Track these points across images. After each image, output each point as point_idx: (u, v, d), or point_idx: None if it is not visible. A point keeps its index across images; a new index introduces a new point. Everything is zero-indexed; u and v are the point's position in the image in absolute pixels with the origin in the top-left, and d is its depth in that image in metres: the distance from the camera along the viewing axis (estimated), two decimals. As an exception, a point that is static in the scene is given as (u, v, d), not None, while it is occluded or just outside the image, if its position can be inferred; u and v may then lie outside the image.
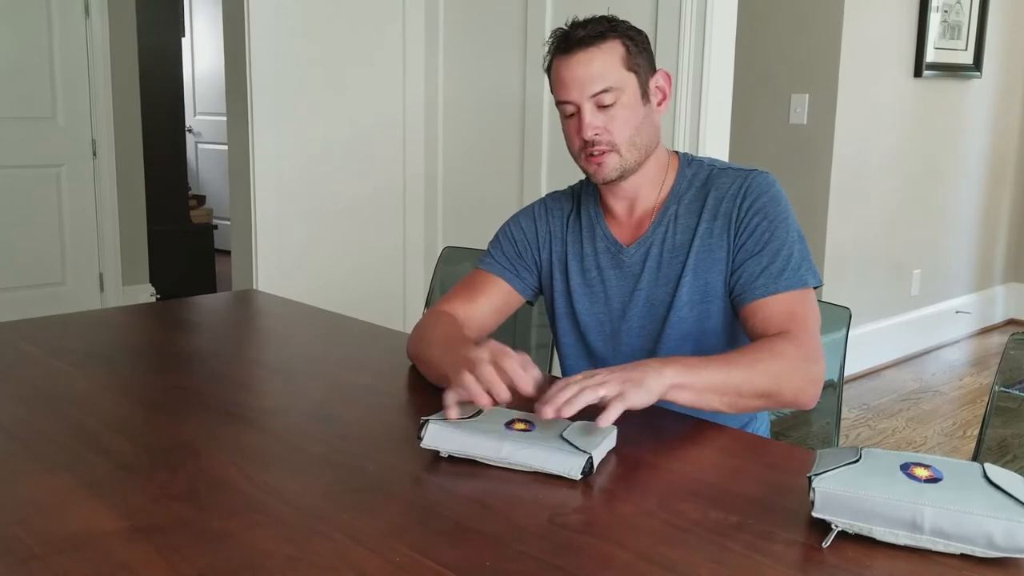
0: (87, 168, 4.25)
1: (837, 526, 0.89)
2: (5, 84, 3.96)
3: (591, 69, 1.36)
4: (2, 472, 1.07)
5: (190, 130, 6.59)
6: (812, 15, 3.76)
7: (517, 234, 1.57)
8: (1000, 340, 4.63)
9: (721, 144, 2.63)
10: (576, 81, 1.37)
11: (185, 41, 6.46)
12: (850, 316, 1.60)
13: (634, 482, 1.06)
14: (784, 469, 1.11)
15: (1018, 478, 0.90)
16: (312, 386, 1.44)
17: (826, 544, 0.89)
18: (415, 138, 3.37)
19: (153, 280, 4.72)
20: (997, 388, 1.42)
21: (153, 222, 4.78)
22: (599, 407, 1.09)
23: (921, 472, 0.90)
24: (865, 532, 0.89)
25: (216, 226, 5.55)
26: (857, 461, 0.93)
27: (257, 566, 0.85)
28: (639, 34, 1.42)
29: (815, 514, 0.90)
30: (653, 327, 1.46)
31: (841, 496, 0.89)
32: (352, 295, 3.12)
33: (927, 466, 0.91)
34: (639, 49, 1.40)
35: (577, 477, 1.03)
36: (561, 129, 1.46)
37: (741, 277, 1.38)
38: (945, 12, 4.14)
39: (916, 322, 4.43)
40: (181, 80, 5.22)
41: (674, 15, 2.54)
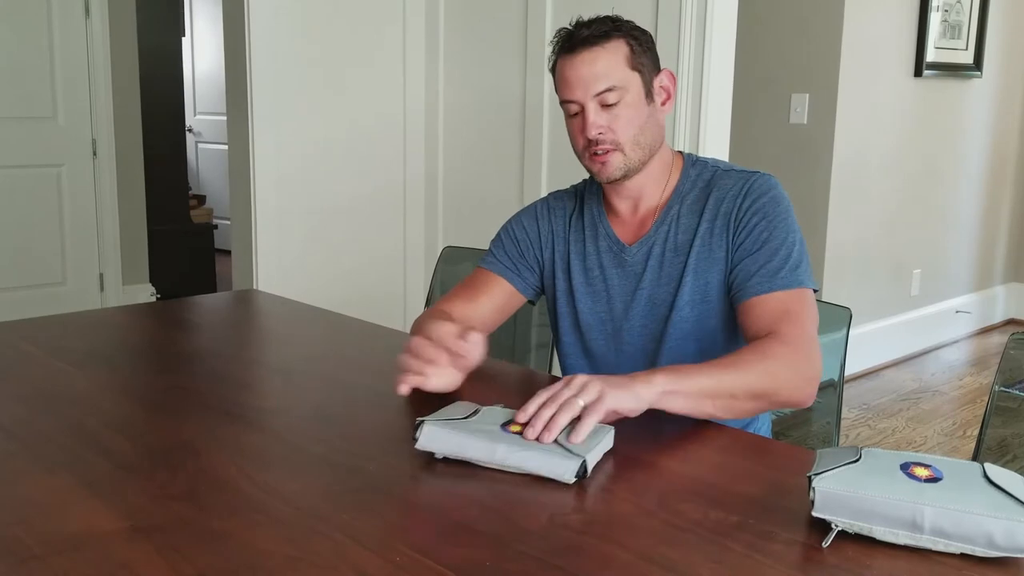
0: (87, 168, 4.25)
1: (837, 526, 0.89)
2: (5, 84, 3.96)
3: (595, 68, 1.36)
4: (2, 472, 1.07)
5: (190, 130, 6.59)
6: (812, 15, 3.76)
7: (519, 233, 1.57)
8: (1000, 340, 4.63)
9: (721, 144, 2.63)
10: (580, 80, 1.37)
11: (185, 41, 6.46)
12: (850, 316, 1.60)
13: (634, 482, 1.06)
14: (784, 469, 1.11)
15: (1018, 478, 0.90)
16: (312, 386, 1.44)
17: (826, 544, 0.89)
18: (415, 138, 3.37)
19: (153, 280, 4.72)
20: (997, 388, 1.42)
21: (153, 222, 4.78)
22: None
23: (921, 472, 0.90)
24: (865, 532, 0.89)
25: (216, 226, 5.55)
26: (857, 461, 0.93)
27: (257, 566, 0.85)
28: (643, 34, 1.42)
29: (815, 514, 0.90)
30: (655, 326, 1.46)
31: (841, 496, 0.89)
32: (352, 295, 3.12)
33: (927, 466, 0.91)
34: (643, 48, 1.40)
35: (571, 481, 1.03)
36: (562, 128, 1.47)
37: (738, 275, 1.38)
38: (945, 12, 4.14)
39: (916, 322, 4.43)
40: (181, 80, 5.23)
41: (674, 16, 2.54)
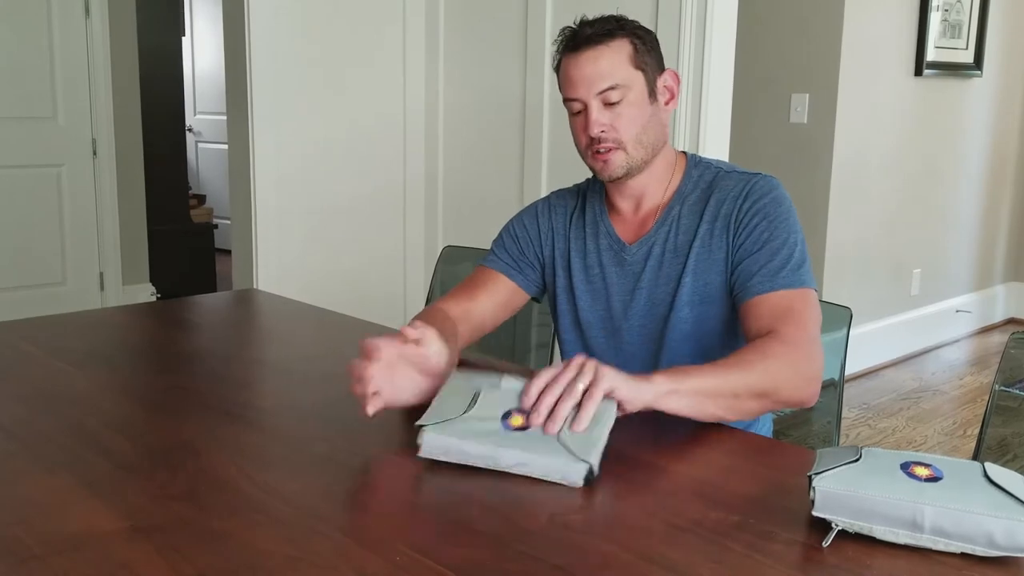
0: (87, 168, 4.25)
1: (837, 525, 0.89)
2: (5, 84, 3.96)
3: (598, 66, 1.36)
4: (2, 472, 1.07)
5: (190, 129, 6.59)
6: (812, 15, 3.76)
7: (520, 231, 1.57)
8: (1000, 339, 4.63)
9: (721, 144, 2.63)
10: (583, 78, 1.37)
11: (185, 41, 6.46)
12: (850, 316, 1.60)
13: (634, 482, 1.06)
14: (784, 468, 1.11)
15: (1018, 477, 0.90)
16: (312, 386, 1.44)
17: (826, 543, 0.89)
18: (415, 138, 3.37)
19: (153, 279, 4.72)
20: (997, 387, 1.42)
21: (153, 222, 4.78)
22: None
23: (921, 471, 0.90)
24: (865, 531, 0.89)
25: (216, 225, 5.55)
26: (857, 460, 0.93)
27: (257, 566, 0.85)
28: (647, 33, 1.42)
29: (815, 513, 0.90)
30: (654, 327, 1.46)
31: (841, 495, 0.89)
32: (352, 295, 3.11)
33: (927, 465, 0.91)
34: (647, 48, 1.40)
35: (579, 485, 1.02)
36: (562, 129, 1.47)
37: (740, 275, 1.37)
38: (945, 11, 4.14)
39: (916, 321, 4.43)
40: (181, 80, 5.22)
41: (674, 16, 2.54)
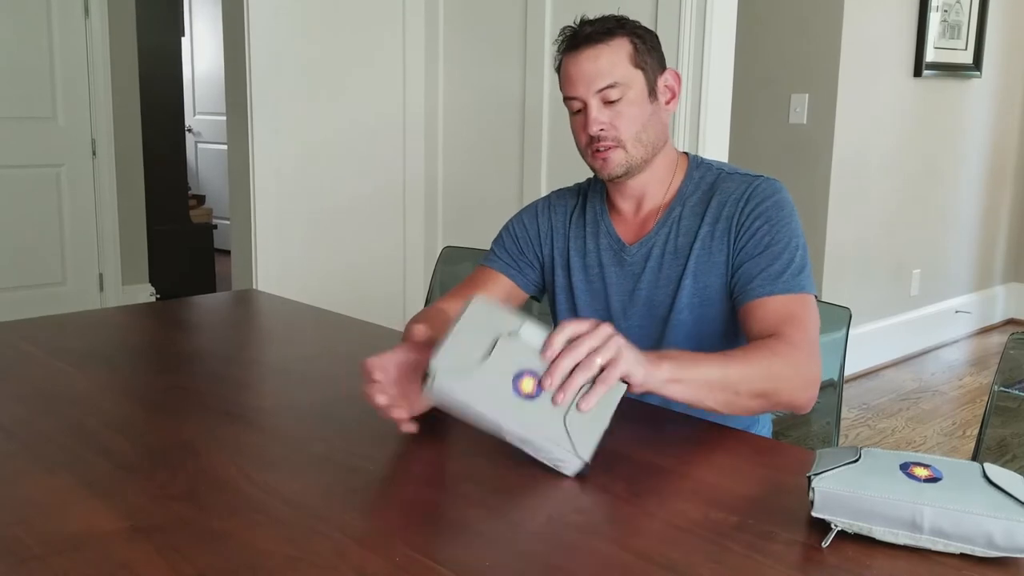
0: (87, 168, 4.25)
1: (837, 526, 0.89)
2: (5, 84, 3.96)
3: (598, 65, 1.37)
4: (2, 472, 1.07)
5: (190, 130, 6.59)
6: (812, 15, 3.76)
7: (519, 231, 1.57)
8: (1000, 340, 4.63)
9: (721, 144, 2.63)
10: (583, 77, 1.38)
11: (185, 41, 6.46)
12: (850, 316, 1.60)
13: (634, 482, 1.06)
14: (784, 469, 1.11)
15: (1018, 478, 0.90)
16: (312, 386, 1.44)
17: (826, 544, 0.89)
18: (415, 138, 3.37)
19: (153, 280, 4.72)
20: (997, 388, 1.42)
21: (153, 222, 4.78)
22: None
23: (921, 472, 0.90)
24: (865, 532, 0.89)
25: (216, 226, 5.55)
26: (857, 461, 0.93)
27: (257, 566, 0.85)
28: (648, 33, 1.42)
29: (815, 514, 0.90)
30: (653, 328, 1.46)
31: (841, 496, 0.89)
32: (352, 295, 3.12)
33: (927, 466, 0.91)
34: (647, 47, 1.40)
35: (570, 475, 1.04)
36: (562, 129, 1.47)
37: (740, 278, 1.37)
38: (945, 12, 4.14)
39: (916, 322, 4.43)
40: (181, 80, 5.23)
41: (674, 16, 2.54)
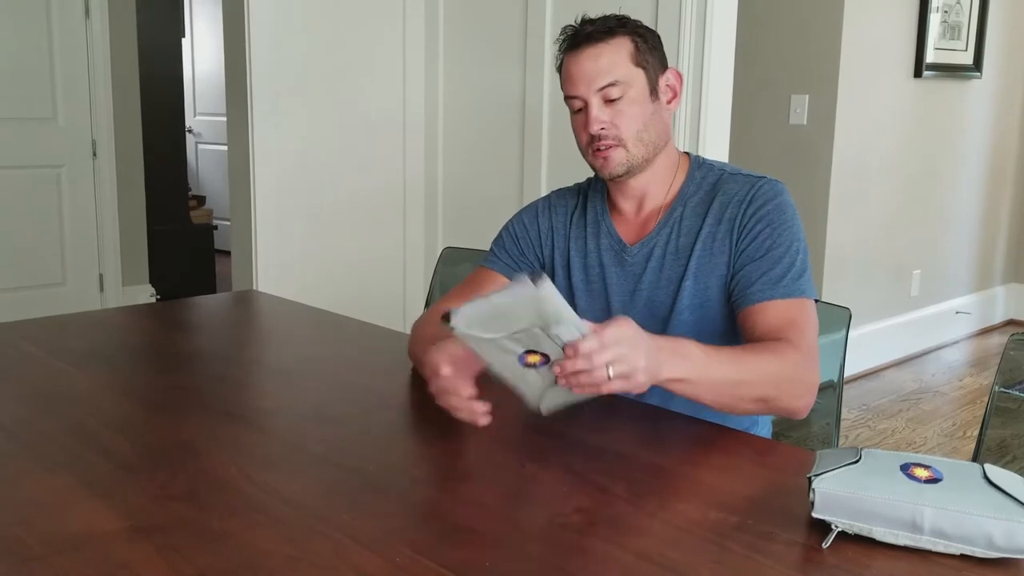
0: (87, 168, 4.25)
1: (837, 526, 0.89)
2: (5, 84, 3.96)
3: (598, 64, 1.37)
4: (2, 472, 1.07)
5: (190, 130, 6.59)
6: (812, 16, 3.76)
7: (520, 231, 1.57)
8: (1000, 340, 4.63)
9: (721, 145, 2.63)
10: (583, 75, 1.37)
11: (185, 41, 6.46)
12: (850, 316, 1.60)
13: (634, 482, 1.06)
14: (784, 470, 1.11)
15: (1018, 479, 0.90)
16: (312, 386, 1.44)
17: (826, 544, 0.89)
18: (415, 138, 3.37)
19: (153, 280, 4.72)
20: (997, 388, 1.42)
21: (153, 222, 4.78)
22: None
23: (921, 472, 0.90)
24: (865, 533, 0.89)
25: (216, 226, 5.55)
26: (857, 462, 0.93)
27: (257, 566, 0.85)
28: (649, 32, 1.42)
29: (815, 515, 0.90)
30: (654, 328, 1.44)
31: (841, 497, 0.89)
32: (352, 295, 3.12)
33: (927, 466, 0.91)
34: (648, 46, 1.40)
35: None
36: (562, 129, 1.46)
37: (740, 281, 1.37)
38: (945, 12, 4.14)
39: (916, 323, 4.43)
40: (181, 80, 5.22)
41: (674, 16, 2.54)
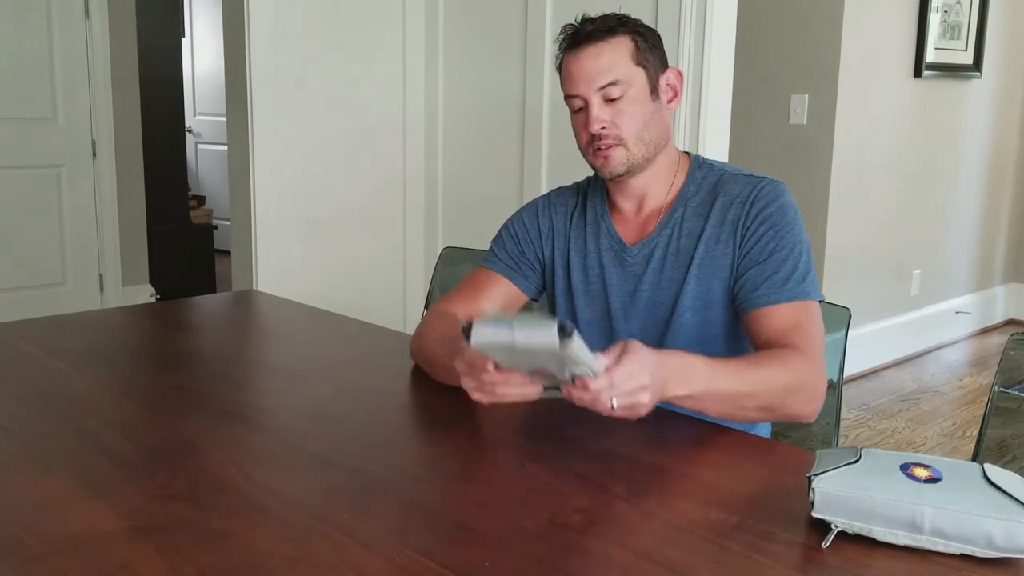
0: (87, 168, 4.25)
1: (837, 526, 0.89)
2: (5, 84, 3.96)
3: (599, 62, 1.36)
4: (2, 472, 1.07)
5: (190, 130, 6.59)
6: (812, 15, 3.76)
7: (520, 231, 1.56)
8: (1000, 340, 4.63)
9: (721, 144, 2.63)
10: (584, 74, 1.37)
11: (185, 41, 6.46)
12: (850, 316, 1.60)
13: (634, 482, 1.06)
14: (784, 469, 1.11)
15: (1018, 478, 0.90)
16: (312, 386, 1.44)
17: (826, 544, 0.89)
18: (415, 138, 3.37)
19: (153, 280, 4.72)
20: (997, 388, 1.42)
21: (153, 222, 4.78)
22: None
23: (921, 472, 0.90)
24: (865, 532, 0.89)
25: (216, 226, 5.55)
26: (857, 461, 0.93)
27: (257, 566, 0.85)
28: (649, 31, 1.42)
29: (815, 514, 0.90)
30: (655, 329, 1.45)
31: (841, 496, 0.89)
32: (352, 295, 3.12)
33: (927, 466, 0.91)
34: (649, 45, 1.40)
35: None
36: (562, 129, 1.46)
37: (744, 285, 1.36)
38: (945, 12, 4.14)
39: (916, 322, 4.43)
40: (181, 80, 5.22)
41: (674, 15, 2.54)
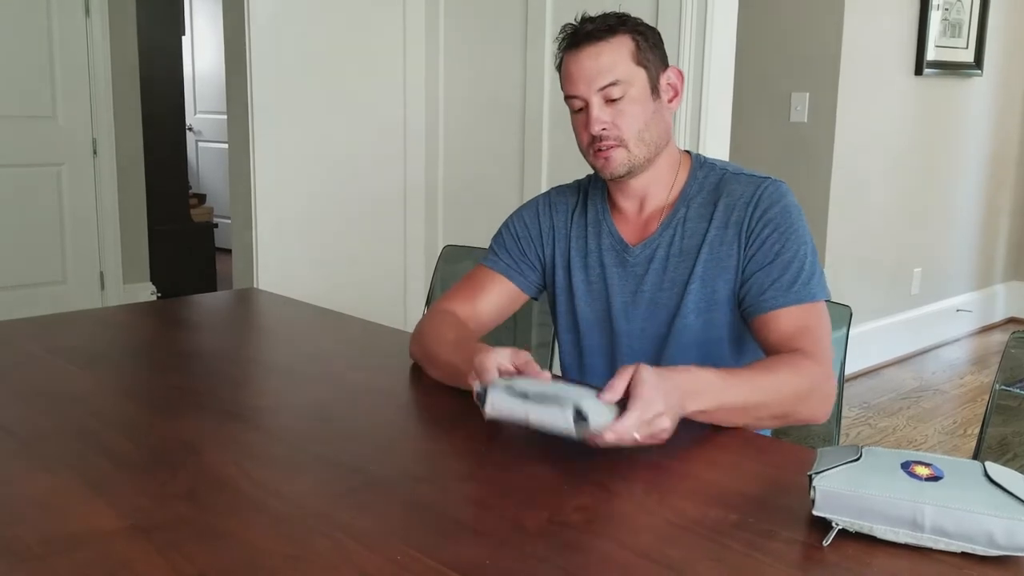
0: (88, 167, 4.25)
1: (838, 524, 0.89)
2: (5, 83, 3.96)
3: (599, 63, 1.35)
4: (2, 472, 1.07)
5: (190, 129, 6.59)
6: (813, 14, 3.76)
7: (520, 230, 1.55)
8: (1001, 338, 4.63)
9: (722, 143, 2.63)
10: (584, 75, 1.36)
11: (185, 40, 6.46)
12: (851, 314, 1.60)
13: (634, 480, 1.06)
14: (784, 467, 1.11)
15: (1019, 476, 0.90)
16: (312, 385, 1.44)
17: (827, 543, 0.89)
18: (416, 137, 3.36)
19: (154, 279, 4.72)
20: (998, 386, 1.42)
21: (154, 221, 4.78)
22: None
23: (922, 470, 0.90)
24: (866, 530, 0.89)
25: (216, 224, 5.55)
26: (858, 459, 0.93)
27: (257, 565, 0.85)
28: (650, 30, 1.41)
29: (816, 512, 0.90)
30: (657, 330, 1.44)
31: (842, 494, 0.89)
32: (352, 293, 3.11)
33: (928, 464, 0.91)
34: (649, 45, 1.39)
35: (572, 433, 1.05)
36: (562, 128, 1.46)
37: (751, 288, 1.36)
38: (946, 10, 4.13)
39: (917, 320, 4.43)
40: (181, 79, 5.22)
41: (674, 15, 2.53)
